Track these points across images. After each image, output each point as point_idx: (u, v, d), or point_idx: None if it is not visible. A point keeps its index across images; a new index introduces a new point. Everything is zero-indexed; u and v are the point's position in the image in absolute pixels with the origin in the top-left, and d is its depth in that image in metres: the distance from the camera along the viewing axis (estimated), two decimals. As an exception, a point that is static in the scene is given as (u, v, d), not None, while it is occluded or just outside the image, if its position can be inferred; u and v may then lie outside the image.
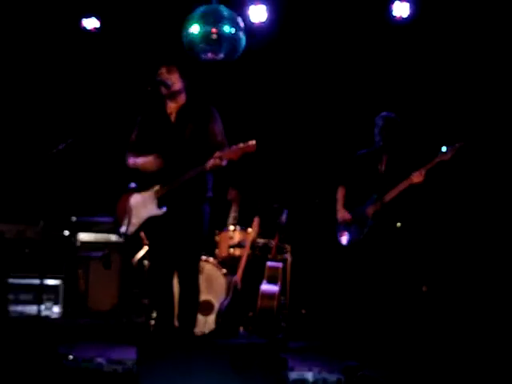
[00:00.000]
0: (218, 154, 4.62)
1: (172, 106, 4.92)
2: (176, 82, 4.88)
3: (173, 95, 4.88)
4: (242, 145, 4.65)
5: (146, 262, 6.42)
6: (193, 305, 4.87)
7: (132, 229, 4.85)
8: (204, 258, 6.18)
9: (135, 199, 4.85)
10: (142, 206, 4.81)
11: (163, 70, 4.89)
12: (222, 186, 6.95)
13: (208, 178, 4.89)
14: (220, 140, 4.86)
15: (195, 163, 4.72)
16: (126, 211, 4.89)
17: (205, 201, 4.88)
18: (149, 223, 4.82)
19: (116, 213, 5.03)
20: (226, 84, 7.62)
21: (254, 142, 4.64)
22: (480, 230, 6.94)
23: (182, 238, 4.78)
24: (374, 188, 5.67)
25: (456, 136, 6.19)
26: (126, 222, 4.85)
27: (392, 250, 5.67)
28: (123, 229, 4.87)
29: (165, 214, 4.74)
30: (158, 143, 4.85)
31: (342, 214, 5.88)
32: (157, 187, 4.78)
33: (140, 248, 6.40)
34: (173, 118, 4.90)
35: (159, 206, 4.75)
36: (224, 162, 4.66)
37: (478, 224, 6.97)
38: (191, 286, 4.83)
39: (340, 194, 6.00)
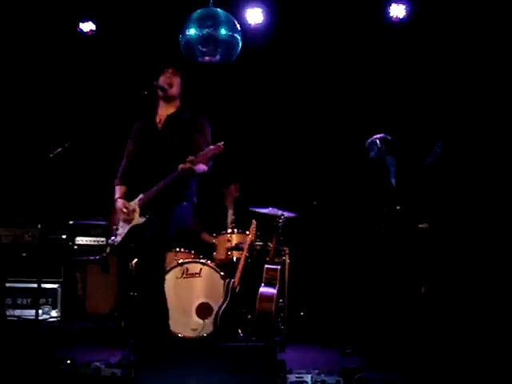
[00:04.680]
0: (189, 158, 4.61)
1: (162, 114, 4.94)
2: (176, 85, 4.91)
3: (168, 99, 4.90)
4: (211, 147, 4.65)
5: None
6: (156, 301, 4.81)
7: (118, 239, 4.91)
8: (202, 260, 6.18)
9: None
10: (124, 217, 4.86)
11: (169, 71, 4.90)
12: (218, 186, 7.00)
13: (190, 185, 4.91)
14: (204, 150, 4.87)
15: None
16: (115, 222, 4.95)
17: (182, 203, 4.88)
18: (132, 232, 4.85)
19: (109, 224, 5.07)
20: (222, 86, 7.62)
21: (221, 143, 4.64)
22: (478, 231, 6.94)
23: (149, 235, 4.77)
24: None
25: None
26: (114, 232, 4.92)
27: (391, 252, 5.73)
28: (111, 240, 4.94)
29: (145, 221, 4.79)
30: (144, 151, 4.87)
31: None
32: (140, 196, 4.83)
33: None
34: (160, 126, 4.91)
35: (141, 214, 4.80)
36: (197, 168, 4.65)
37: (477, 225, 6.96)
38: (150, 280, 4.77)
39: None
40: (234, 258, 6.39)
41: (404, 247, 5.78)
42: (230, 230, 6.57)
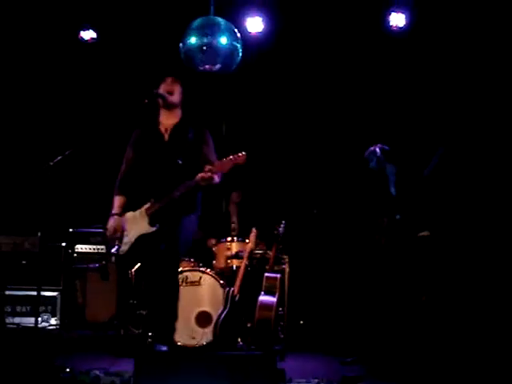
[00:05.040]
0: (208, 167, 4.63)
1: (166, 123, 4.92)
2: (177, 93, 4.91)
3: (169, 107, 4.89)
4: (231, 157, 4.66)
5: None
6: (171, 314, 4.85)
7: (125, 248, 4.84)
8: (202, 269, 6.17)
9: (125, 218, 4.86)
10: (134, 224, 4.82)
11: (170, 79, 4.91)
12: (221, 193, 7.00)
13: (198, 196, 4.90)
14: (213, 161, 4.88)
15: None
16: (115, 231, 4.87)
17: (190, 215, 4.88)
18: (140, 240, 4.80)
19: (106, 234, 4.99)
20: (223, 95, 7.64)
21: (243, 153, 4.66)
22: (479, 238, 6.94)
23: (164, 249, 4.75)
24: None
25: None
26: (117, 242, 4.85)
27: (392, 262, 5.75)
28: (115, 249, 4.87)
29: (156, 230, 4.75)
30: (149, 161, 4.85)
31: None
32: (147, 205, 4.78)
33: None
34: (166, 136, 4.90)
35: (151, 223, 4.75)
36: (215, 178, 4.68)
37: (478, 232, 6.96)
38: (168, 298, 4.80)
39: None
40: (234, 267, 6.38)
41: (404, 256, 5.78)
42: (229, 238, 6.57)
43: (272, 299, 6.09)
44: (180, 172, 4.78)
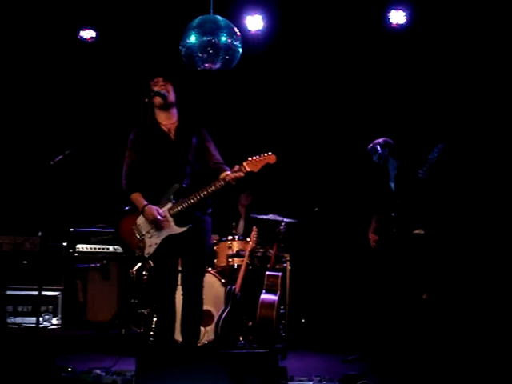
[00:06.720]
0: (237, 167, 4.64)
1: (166, 123, 4.89)
2: (171, 92, 4.89)
3: (167, 107, 4.86)
4: (262, 156, 4.70)
5: (144, 273, 6.41)
6: (198, 318, 4.87)
7: (151, 250, 4.73)
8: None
9: (143, 220, 4.77)
10: (157, 225, 4.73)
11: (160, 80, 4.88)
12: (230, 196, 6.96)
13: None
14: (218, 157, 4.90)
15: (198, 181, 4.76)
16: (136, 234, 4.78)
17: (208, 215, 4.89)
18: (168, 241, 4.73)
19: (123, 240, 4.86)
20: (223, 93, 7.63)
21: (271, 153, 4.73)
22: (475, 235, 6.94)
23: (193, 252, 4.76)
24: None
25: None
26: (140, 244, 4.73)
27: (389, 259, 5.77)
28: (139, 252, 4.76)
29: (184, 231, 4.71)
30: (161, 162, 4.80)
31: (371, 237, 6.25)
32: (169, 205, 4.72)
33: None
34: (172, 135, 4.86)
35: (178, 223, 4.71)
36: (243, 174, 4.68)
37: (473, 230, 6.97)
38: (197, 300, 4.82)
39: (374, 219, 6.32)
40: (235, 265, 6.39)
41: (399, 254, 5.79)
42: (230, 237, 6.56)
43: (273, 297, 6.09)
44: (192, 170, 4.79)
